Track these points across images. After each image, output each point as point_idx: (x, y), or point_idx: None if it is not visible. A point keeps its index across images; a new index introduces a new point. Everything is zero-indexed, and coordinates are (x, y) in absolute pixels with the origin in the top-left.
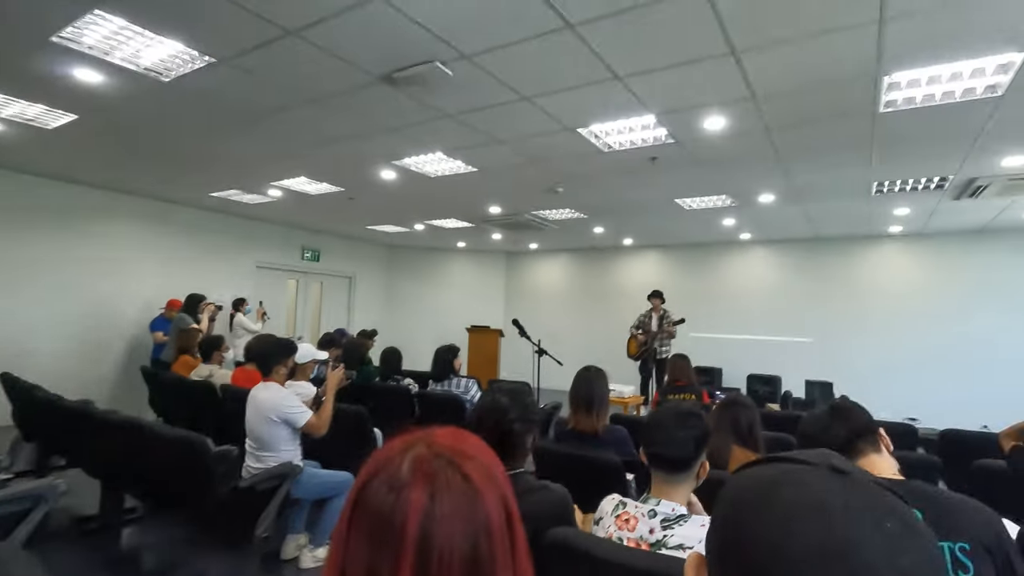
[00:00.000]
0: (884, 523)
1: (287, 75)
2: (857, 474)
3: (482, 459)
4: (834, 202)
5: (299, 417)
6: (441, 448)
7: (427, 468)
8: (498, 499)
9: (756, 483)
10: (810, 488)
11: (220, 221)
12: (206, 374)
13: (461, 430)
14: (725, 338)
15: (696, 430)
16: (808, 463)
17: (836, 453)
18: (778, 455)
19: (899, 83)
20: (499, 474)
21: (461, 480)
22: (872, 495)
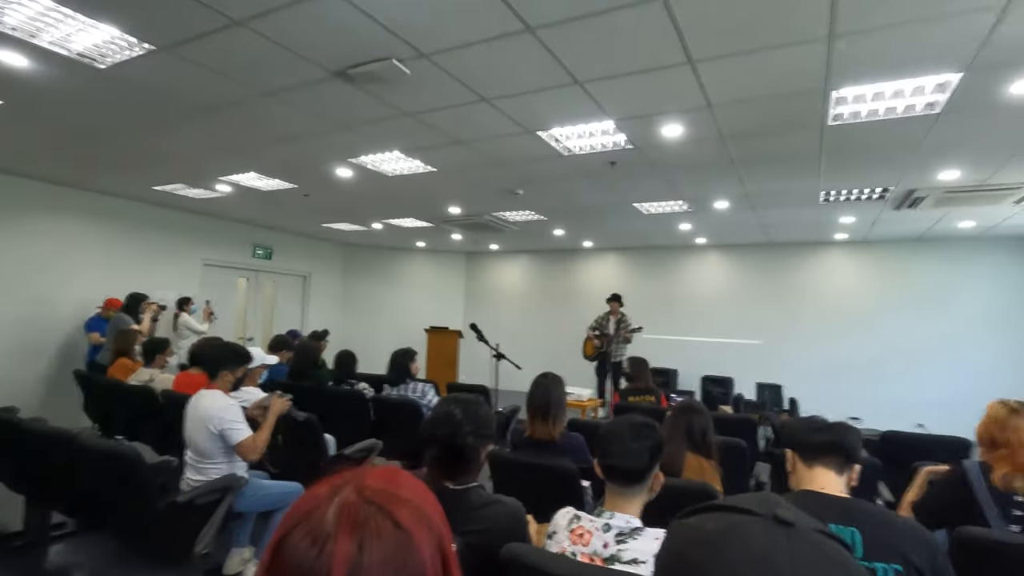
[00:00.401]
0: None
1: (235, 67)
2: (802, 525)
3: (417, 502)
4: (785, 209)
5: (235, 434)
6: (371, 492)
7: (355, 516)
8: (434, 545)
9: (701, 538)
10: (755, 545)
11: (164, 216)
12: (146, 378)
13: (395, 470)
14: (681, 340)
15: (650, 441)
16: (753, 513)
17: (781, 499)
18: (722, 503)
19: (846, 98)
20: (435, 517)
21: (392, 527)
22: (816, 549)
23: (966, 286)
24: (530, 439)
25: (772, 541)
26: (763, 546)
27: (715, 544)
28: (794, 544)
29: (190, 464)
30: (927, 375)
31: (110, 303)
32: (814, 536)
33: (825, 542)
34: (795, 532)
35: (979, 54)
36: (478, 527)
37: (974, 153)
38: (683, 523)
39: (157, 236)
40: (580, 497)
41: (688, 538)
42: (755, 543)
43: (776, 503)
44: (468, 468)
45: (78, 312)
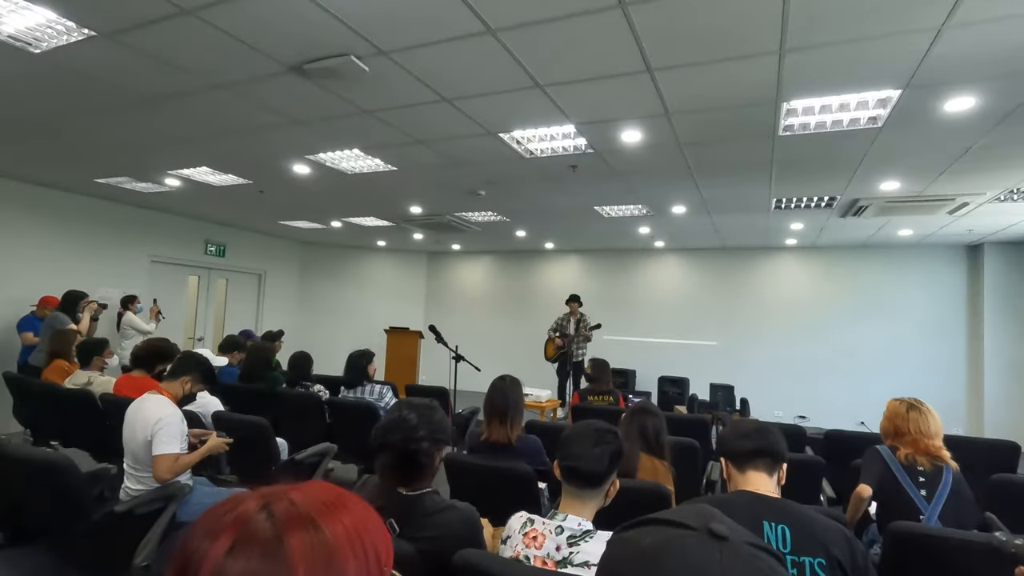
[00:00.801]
0: None
1: (184, 57)
2: (735, 538)
3: (329, 536)
4: (739, 215)
5: (161, 445)
6: (282, 507)
7: (246, 521)
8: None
9: (638, 554)
10: (690, 561)
11: (108, 210)
12: (84, 381)
13: (345, 496)
14: (639, 341)
15: (612, 446)
16: (688, 527)
17: (716, 512)
18: (659, 517)
19: (796, 109)
20: (349, 561)
21: (272, 545)
22: (747, 564)
23: (905, 291)
24: (487, 442)
25: (706, 556)
26: (697, 561)
27: (651, 560)
28: (726, 559)
29: (128, 472)
30: (869, 376)
31: (45, 301)
32: (746, 550)
33: (757, 555)
34: (728, 546)
35: (917, 72)
36: (431, 533)
37: (912, 165)
38: (621, 538)
39: (100, 231)
40: (537, 500)
41: (626, 554)
42: (690, 558)
43: (711, 516)
44: (422, 474)
45: (11, 311)
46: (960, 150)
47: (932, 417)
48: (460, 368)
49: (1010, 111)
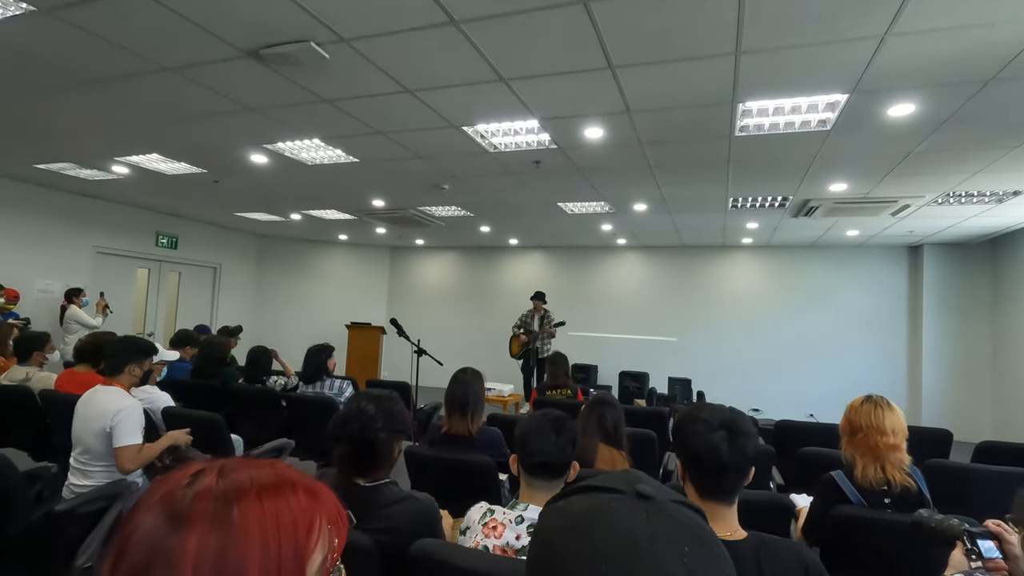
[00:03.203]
0: (683, 549)
1: (132, 38)
2: (660, 497)
3: (244, 511)
4: (697, 214)
5: (124, 437)
6: (228, 481)
7: (211, 500)
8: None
9: (567, 523)
10: (617, 525)
11: (46, 197)
12: (21, 377)
13: (281, 480)
14: (601, 337)
15: (571, 433)
16: (616, 491)
17: (643, 475)
18: (588, 484)
19: (751, 110)
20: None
21: (180, 513)
22: (672, 519)
23: (851, 289)
24: (448, 434)
25: (632, 518)
26: (625, 524)
27: (582, 527)
28: (652, 518)
29: (75, 468)
30: (817, 370)
31: (10, 293)
32: (671, 507)
33: (680, 510)
34: (653, 505)
35: (863, 77)
36: (388, 524)
37: (859, 168)
38: (553, 508)
39: (40, 219)
40: (497, 491)
41: (557, 523)
42: (617, 522)
43: (638, 479)
44: (379, 464)
45: None
46: (901, 154)
47: (891, 413)
48: (423, 364)
49: (944, 119)
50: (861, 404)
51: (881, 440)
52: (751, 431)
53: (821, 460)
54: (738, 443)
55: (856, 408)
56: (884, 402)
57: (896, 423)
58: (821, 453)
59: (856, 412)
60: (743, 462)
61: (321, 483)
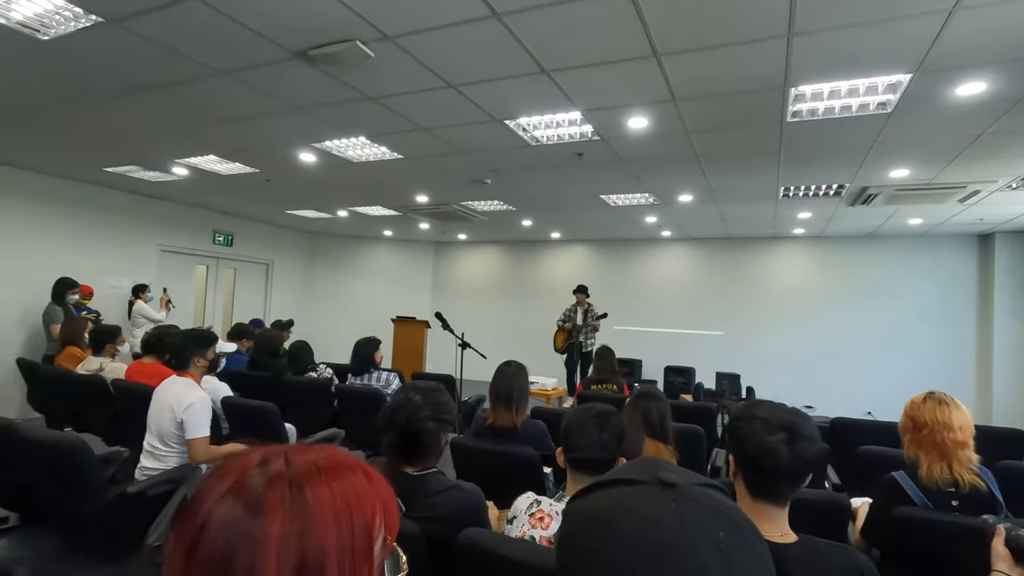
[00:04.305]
0: (719, 535)
1: (191, 44)
2: (683, 482)
3: (315, 494)
4: (746, 204)
5: (195, 428)
6: (297, 466)
7: (244, 474)
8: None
9: (594, 521)
10: (646, 514)
11: (115, 199)
12: (95, 367)
13: (342, 463)
14: (645, 331)
15: (615, 430)
16: (639, 482)
17: (662, 462)
18: (607, 479)
19: (804, 95)
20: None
21: (254, 496)
22: (700, 504)
23: (914, 281)
24: (492, 427)
25: (660, 506)
26: (653, 513)
27: (608, 525)
28: (680, 504)
29: (148, 451)
30: (874, 366)
31: (85, 289)
32: (698, 491)
33: (707, 493)
34: (680, 491)
35: (927, 56)
36: (436, 513)
37: (922, 152)
38: (574, 508)
39: (109, 220)
40: (542, 483)
41: (582, 524)
42: (645, 514)
43: (659, 466)
44: (427, 453)
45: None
46: (970, 136)
47: (956, 409)
48: (466, 357)
49: (1019, 97)
50: (923, 401)
51: (948, 436)
52: (813, 435)
53: (881, 459)
54: (798, 448)
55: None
56: (948, 399)
57: (963, 420)
58: (881, 452)
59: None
60: (802, 467)
61: (374, 467)
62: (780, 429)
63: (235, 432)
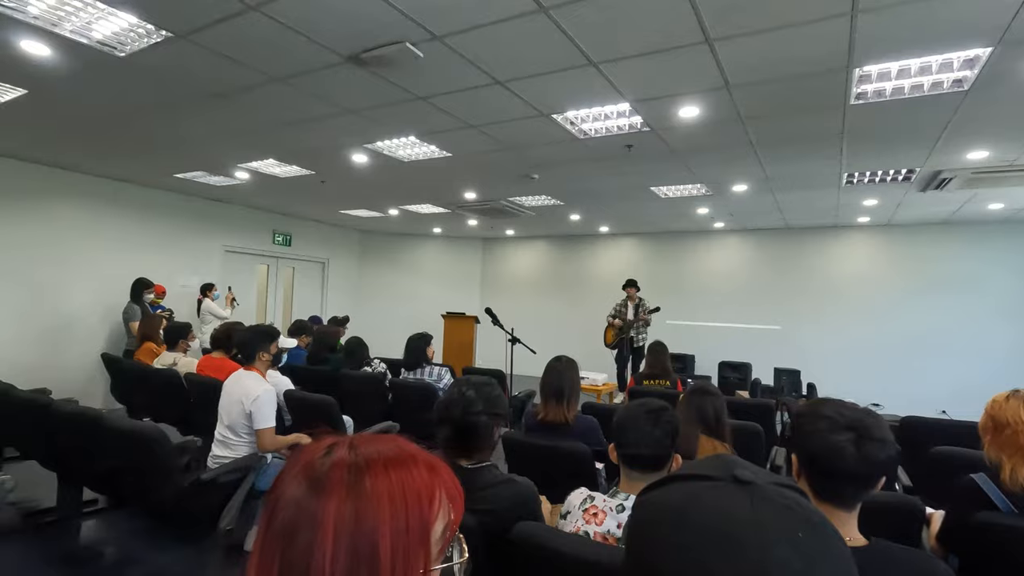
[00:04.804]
0: (796, 534)
1: (250, 53)
2: (760, 481)
3: (374, 482)
4: (805, 192)
5: (262, 419)
6: (344, 453)
7: (312, 459)
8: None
9: (664, 513)
10: (716, 511)
11: (184, 203)
12: (170, 362)
13: (406, 454)
14: (698, 325)
15: (669, 425)
16: (712, 478)
17: (738, 460)
18: (680, 473)
19: (870, 75)
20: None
21: (318, 480)
22: (780, 504)
23: (991, 271)
24: (543, 422)
25: (735, 503)
26: (725, 511)
27: (678, 516)
28: (756, 502)
29: (219, 440)
30: (950, 362)
31: (159, 289)
32: (773, 490)
33: (783, 493)
34: (756, 489)
35: (1010, 27)
36: (490, 506)
37: (1003, 132)
38: (644, 501)
39: (178, 222)
40: (594, 479)
41: (651, 516)
42: (719, 507)
43: (734, 464)
44: (481, 447)
45: (98, 297)
46: None
47: None
48: (516, 352)
49: None
50: (1007, 400)
51: None
52: (885, 437)
53: (958, 461)
54: (867, 449)
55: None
56: None
57: None
58: (957, 453)
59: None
60: (871, 470)
61: (440, 459)
62: (847, 429)
63: (297, 424)
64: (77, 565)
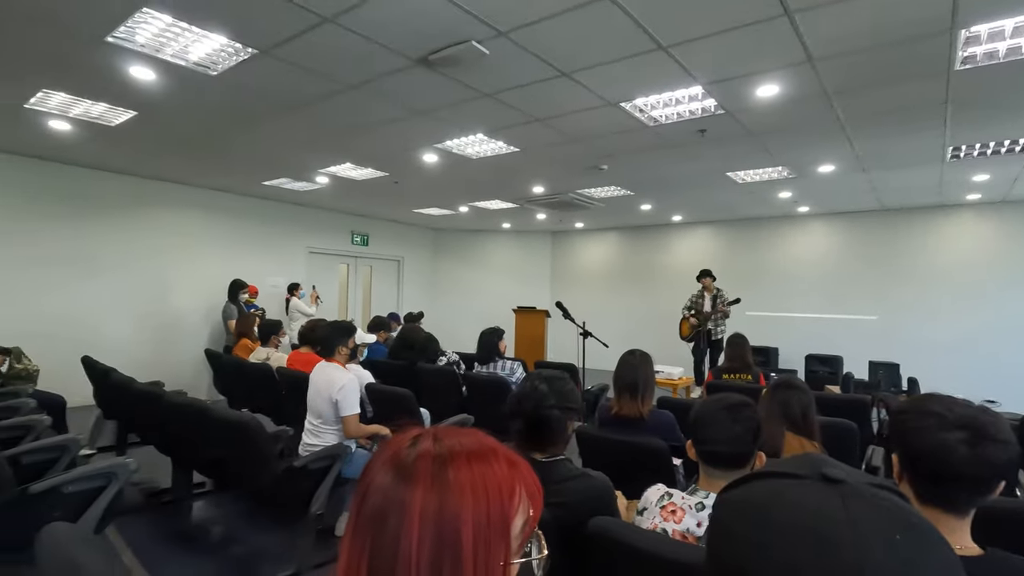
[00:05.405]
0: (894, 536)
1: (326, 62)
2: (853, 480)
3: (457, 473)
4: (903, 170)
5: (347, 406)
6: (429, 444)
7: (399, 449)
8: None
9: (745, 510)
10: (805, 509)
11: (272, 209)
12: (264, 357)
13: (488, 449)
14: (782, 316)
15: (751, 422)
16: (797, 476)
17: (827, 458)
18: (764, 471)
19: (978, 36)
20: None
21: (405, 468)
22: (876, 504)
23: None
24: (617, 417)
25: (824, 502)
26: (815, 505)
27: (760, 514)
28: (849, 501)
29: (309, 429)
30: None
31: (252, 289)
32: (868, 490)
33: (880, 494)
34: (849, 488)
35: None
36: (564, 499)
37: None
38: (725, 499)
39: (266, 227)
40: (671, 475)
41: (732, 514)
42: (806, 505)
43: (823, 462)
44: (554, 440)
45: (203, 297)
46: None
47: None
48: (588, 346)
49: None
50: None
51: None
52: (1006, 438)
53: None
54: (984, 451)
55: None
56: None
57: None
58: None
59: None
60: (987, 473)
61: (519, 455)
62: (959, 427)
63: (378, 415)
64: (190, 541)
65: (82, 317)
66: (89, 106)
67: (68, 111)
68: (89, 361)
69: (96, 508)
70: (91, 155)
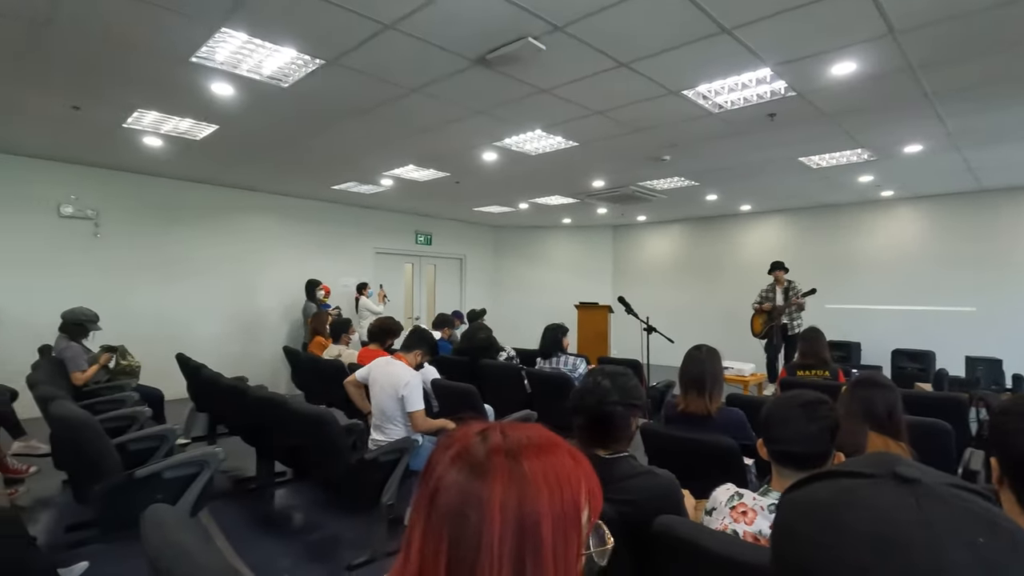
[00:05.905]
0: (977, 539)
1: (388, 68)
2: (929, 480)
3: (529, 464)
4: (1003, 146)
5: (413, 403)
6: (513, 440)
7: (468, 443)
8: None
9: (811, 509)
10: (876, 509)
11: (341, 212)
12: (335, 354)
13: (550, 441)
14: (864, 308)
15: (828, 420)
16: (867, 475)
17: (900, 457)
18: (832, 469)
19: None
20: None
21: (478, 461)
22: (955, 505)
23: None
24: (684, 413)
25: (898, 502)
26: (886, 505)
27: (828, 514)
28: (924, 501)
29: (376, 425)
30: None
31: (326, 289)
32: (946, 490)
33: (958, 493)
34: (924, 488)
35: None
36: (630, 496)
37: None
38: (790, 498)
39: (336, 229)
40: (742, 475)
41: (799, 514)
42: (878, 506)
43: (896, 461)
44: (617, 437)
45: (281, 297)
46: None
47: None
48: (653, 341)
49: None
50: None
51: None
52: None
53: None
54: None
55: None
56: None
57: None
58: None
59: None
60: None
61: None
62: None
63: (444, 410)
64: (273, 526)
65: (175, 317)
66: (177, 122)
67: (159, 128)
68: (183, 358)
69: (191, 493)
70: (178, 167)
